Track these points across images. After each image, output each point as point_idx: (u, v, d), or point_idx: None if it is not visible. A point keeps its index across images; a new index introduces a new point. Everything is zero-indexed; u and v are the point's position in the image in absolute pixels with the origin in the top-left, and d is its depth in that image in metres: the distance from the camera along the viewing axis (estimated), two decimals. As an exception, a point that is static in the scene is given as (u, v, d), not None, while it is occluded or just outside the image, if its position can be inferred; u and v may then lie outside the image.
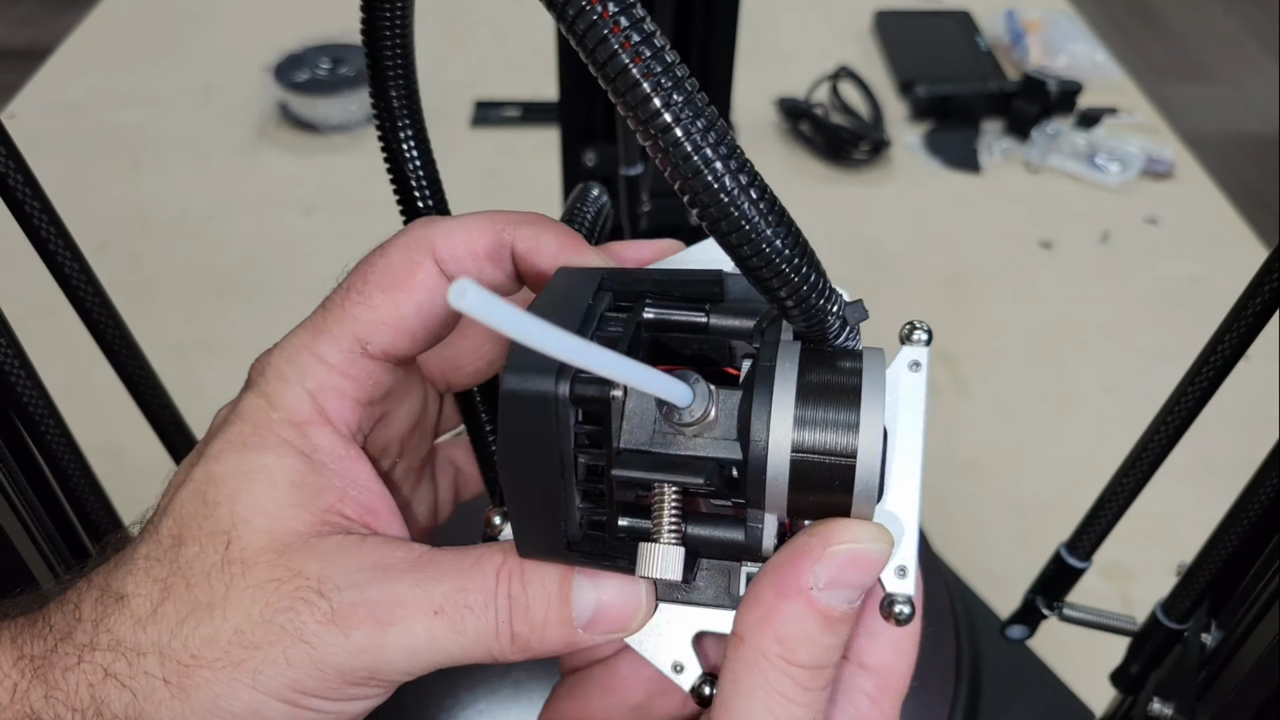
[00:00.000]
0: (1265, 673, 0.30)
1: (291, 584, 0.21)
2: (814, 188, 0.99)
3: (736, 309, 0.23)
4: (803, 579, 0.18)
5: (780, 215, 0.19)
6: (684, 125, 0.17)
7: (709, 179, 0.17)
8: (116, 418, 0.43)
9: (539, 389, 0.19)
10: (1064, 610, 0.39)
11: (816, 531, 0.19)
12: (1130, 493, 0.35)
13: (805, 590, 0.18)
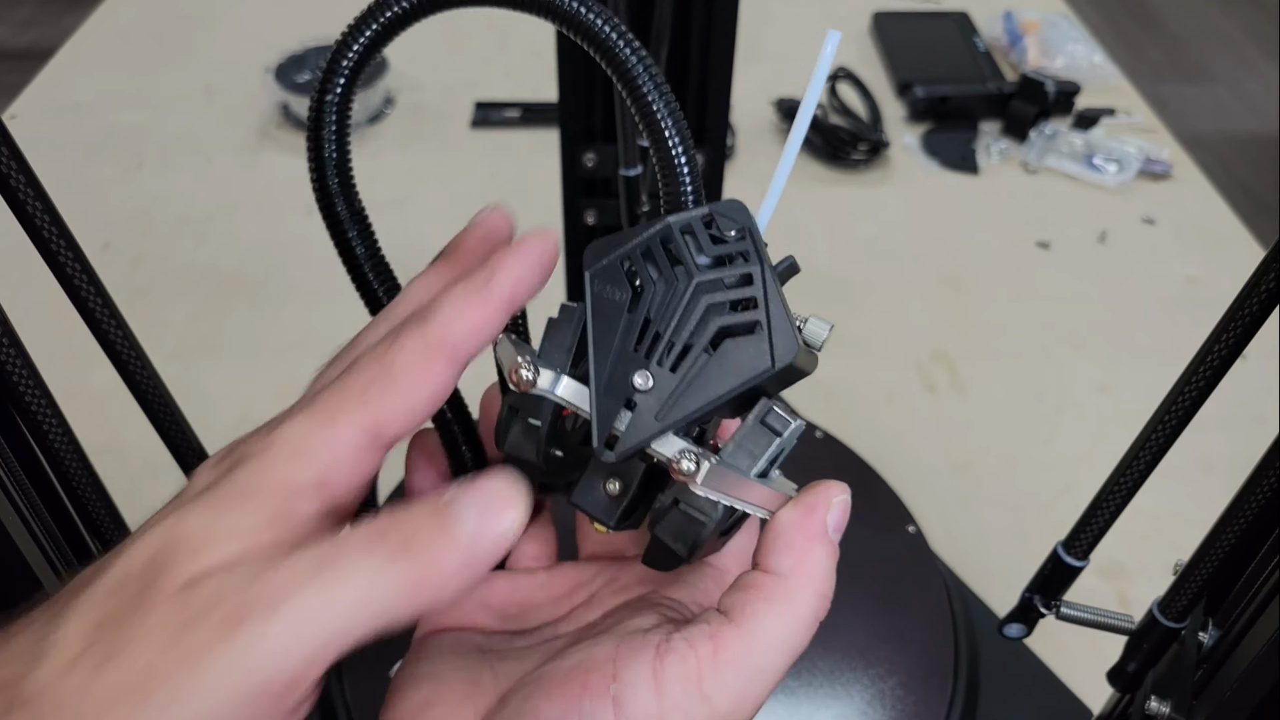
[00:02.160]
0: (1262, 671, 0.30)
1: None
2: (813, 188, 0.99)
3: None
4: (824, 526, 0.23)
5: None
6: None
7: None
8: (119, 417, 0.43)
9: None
10: (1061, 609, 0.39)
11: (818, 490, 0.23)
12: (1127, 492, 0.35)
13: (827, 534, 0.23)
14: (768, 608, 0.22)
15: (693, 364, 0.22)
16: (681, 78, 0.53)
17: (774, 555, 0.23)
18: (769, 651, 0.22)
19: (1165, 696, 0.36)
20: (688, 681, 0.21)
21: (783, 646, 0.23)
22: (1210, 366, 0.31)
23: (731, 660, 0.22)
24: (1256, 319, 0.29)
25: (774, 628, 0.22)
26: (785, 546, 0.23)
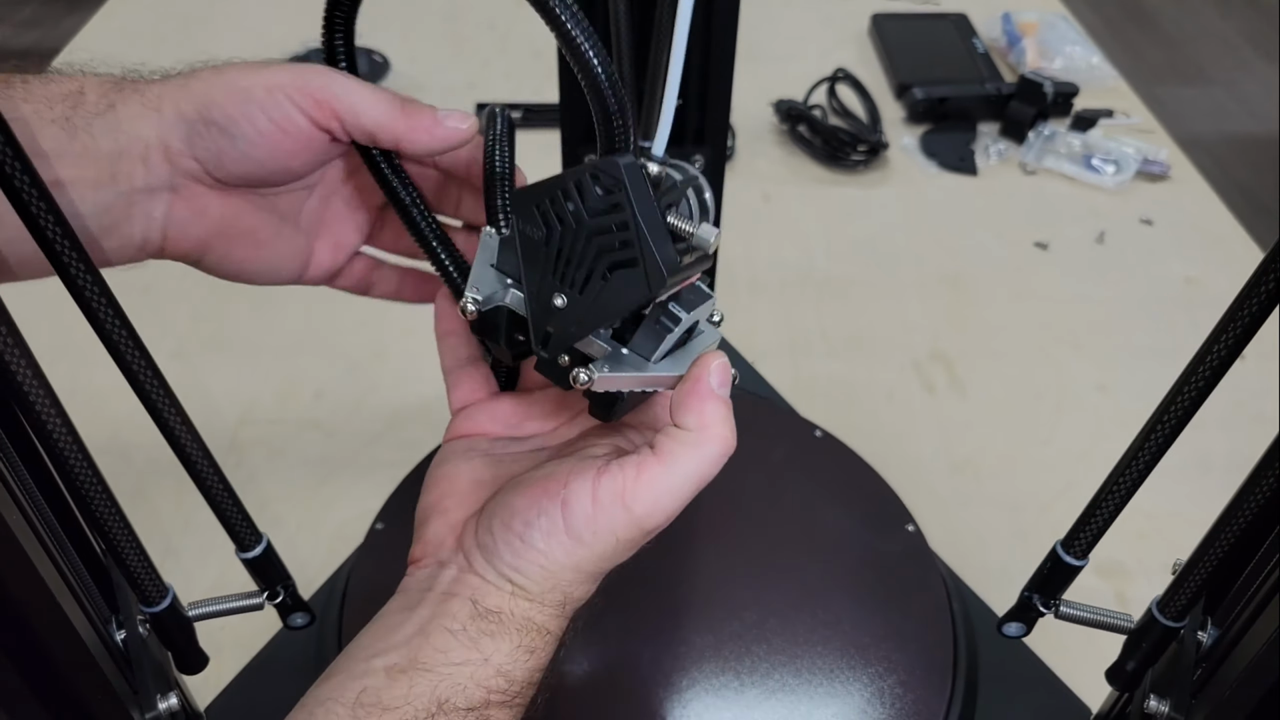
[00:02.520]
0: (1261, 670, 0.31)
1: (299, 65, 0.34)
2: (812, 189, 0.99)
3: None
4: (709, 388, 0.31)
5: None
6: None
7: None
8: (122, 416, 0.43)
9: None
10: (1060, 608, 0.39)
11: (698, 363, 0.31)
12: (1126, 491, 0.35)
13: (714, 393, 0.31)
14: (682, 450, 0.30)
15: (595, 288, 0.30)
16: (682, 79, 0.53)
17: (680, 416, 0.31)
18: (679, 477, 0.30)
19: (1164, 695, 0.36)
20: (614, 494, 0.30)
21: (691, 474, 0.30)
22: (1209, 367, 0.31)
23: (650, 482, 0.30)
24: (1256, 319, 0.29)
25: (685, 463, 0.30)
26: (685, 410, 0.31)
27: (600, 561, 0.31)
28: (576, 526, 0.30)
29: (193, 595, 0.39)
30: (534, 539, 0.31)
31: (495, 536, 0.31)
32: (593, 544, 0.30)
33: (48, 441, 0.30)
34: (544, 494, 0.31)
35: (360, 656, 0.31)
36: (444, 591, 0.32)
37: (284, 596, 0.39)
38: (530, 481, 0.32)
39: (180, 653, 0.38)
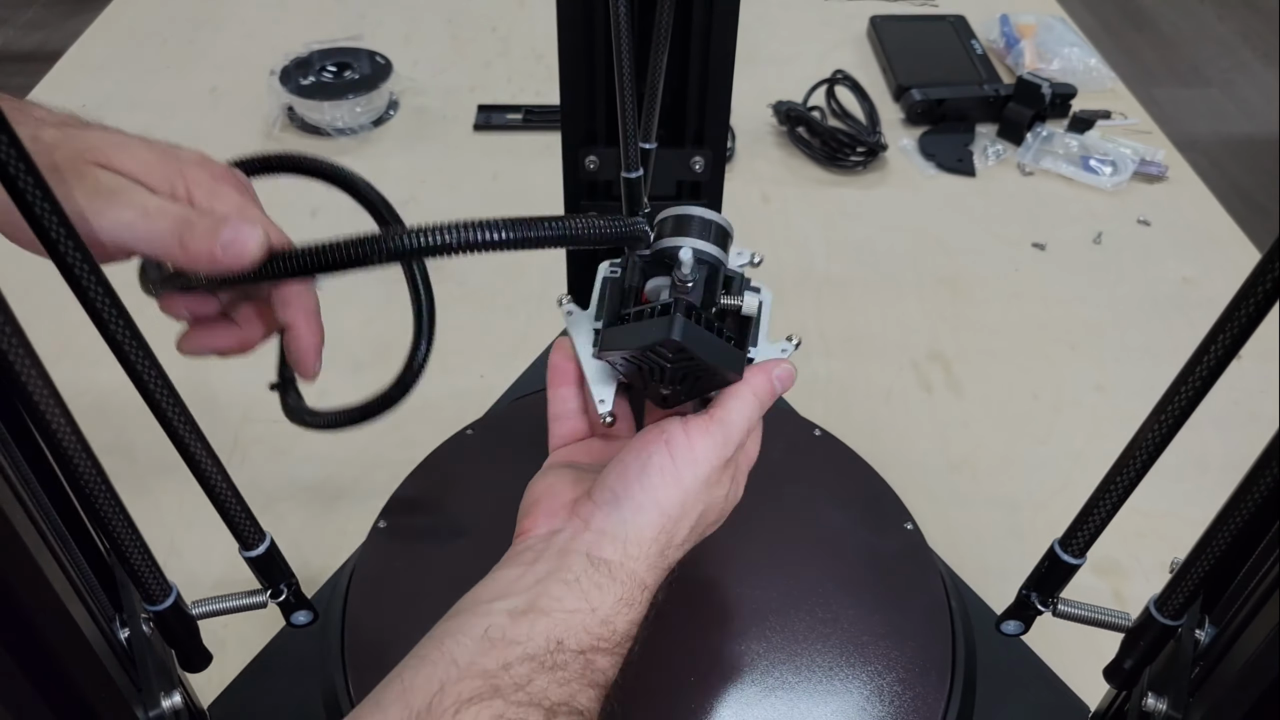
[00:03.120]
0: (1259, 668, 0.31)
1: (87, 177, 0.35)
2: (811, 190, 1.00)
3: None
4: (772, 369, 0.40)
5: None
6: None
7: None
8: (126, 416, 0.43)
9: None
10: (1058, 606, 0.39)
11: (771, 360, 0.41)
12: (1124, 490, 0.35)
13: (772, 372, 0.40)
14: (731, 399, 0.39)
15: (690, 387, 0.40)
16: (682, 81, 0.53)
17: (747, 375, 0.40)
18: (734, 414, 0.39)
19: (1162, 693, 0.36)
20: (699, 429, 0.38)
21: (741, 415, 0.39)
22: (1206, 367, 0.31)
23: (721, 410, 0.39)
24: (1253, 320, 0.29)
25: (734, 407, 0.39)
26: (747, 375, 0.40)
27: (700, 492, 0.38)
28: (680, 455, 0.37)
29: (196, 593, 0.39)
30: (649, 476, 0.37)
31: (614, 488, 0.37)
32: (696, 470, 0.37)
33: (52, 440, 0.30)
34: (647, 442, 0.38)
35: (483, 599, 0.35)
36: (561, 549, 0.36)
37: (287, 594, 0.39)
38: (629, 449, 0.38)
39: (184, 651, 0.38)
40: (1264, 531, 0.33)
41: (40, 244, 0.29)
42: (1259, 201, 1.81)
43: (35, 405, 0.29)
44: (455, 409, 0.68)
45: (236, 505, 0.36)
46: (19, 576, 0.29)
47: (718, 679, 0.46)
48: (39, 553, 0.29)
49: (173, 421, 0.33)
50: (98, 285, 0.30)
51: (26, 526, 0.29)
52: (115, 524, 0.33)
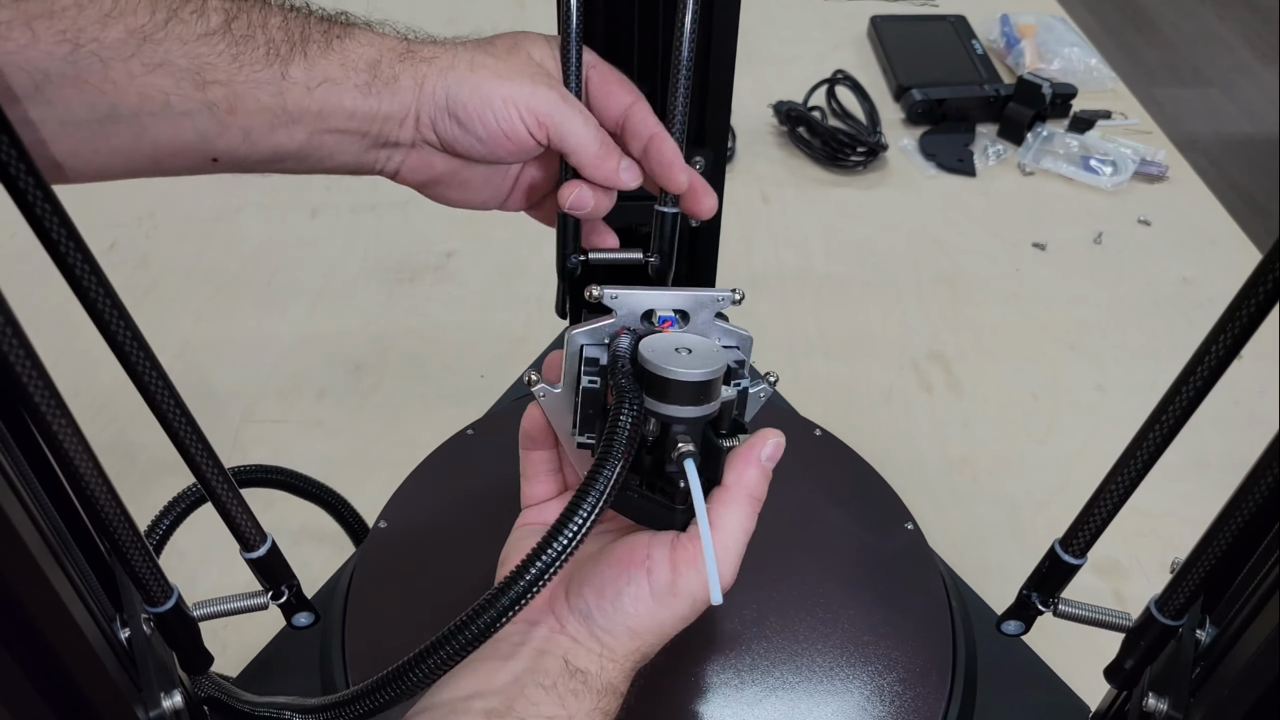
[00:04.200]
0: (1259, 668, 0.31)
1: (536, 68, 0.41)
2: (811, 190, 1.00)
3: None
4: (758, 455, 0.37)
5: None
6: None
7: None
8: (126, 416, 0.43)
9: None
10: (1059, 606, 0.39)
11: (759, 435, 0.37)
12: (1124, 490, 0.35)
13: (759, 460, 0.37)
14: (723, 508, 0.36)
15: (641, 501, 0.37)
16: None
17: (725, 475, 0.37)
18: (727, 536, 0.36)
19: (1163, 693, 0.36)
20: (687, 561, 0.36)
21: (735, 531, 0.36)
22: (1207, 367, 0.31)
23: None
24: (1253, 320, 0.29)
25: (728, 521, 0.36)
26: (730, 469, 0.37)
27: (678, 622, 0.36)
28: (660, 591, 0.36)
29: (196, 595, 0.39)
30: (624, 604, 0.36)
31: (590, 603, 0.36)
32: (674, 606, 0.36)
33: (52, 441, 0.30)
34: (631, 563, 0.36)
35: (460, 694, 0.35)
36: (538, 648, 0.36)
37: (288, 596, 0.39)
38: (615, 553, 0.37)
39: (184, 652, 0.38)
40: (1264, 531, 0.33)
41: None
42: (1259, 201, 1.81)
43: (35, 405, 0.29)
44: (455, 409, 0.68)
45: (237, 506, 0.36)
46: (19, 576, 0.29)
47: (718, 679, 0.46)
48: (40, 553, 0.29)
49: (173, 421, 0.33)
50: (98, 285, 0.30)
51: (27, 526, 0.29)
52: (115, 524, 0.33)
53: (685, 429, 0.34)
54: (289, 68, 0.37)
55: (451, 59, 0.41)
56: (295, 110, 0.38)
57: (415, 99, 0.40)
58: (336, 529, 0.65)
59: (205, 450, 0.34)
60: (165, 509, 0.51)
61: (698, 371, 0.34)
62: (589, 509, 0.31)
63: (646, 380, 0.34)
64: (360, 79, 0.39)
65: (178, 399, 0.33)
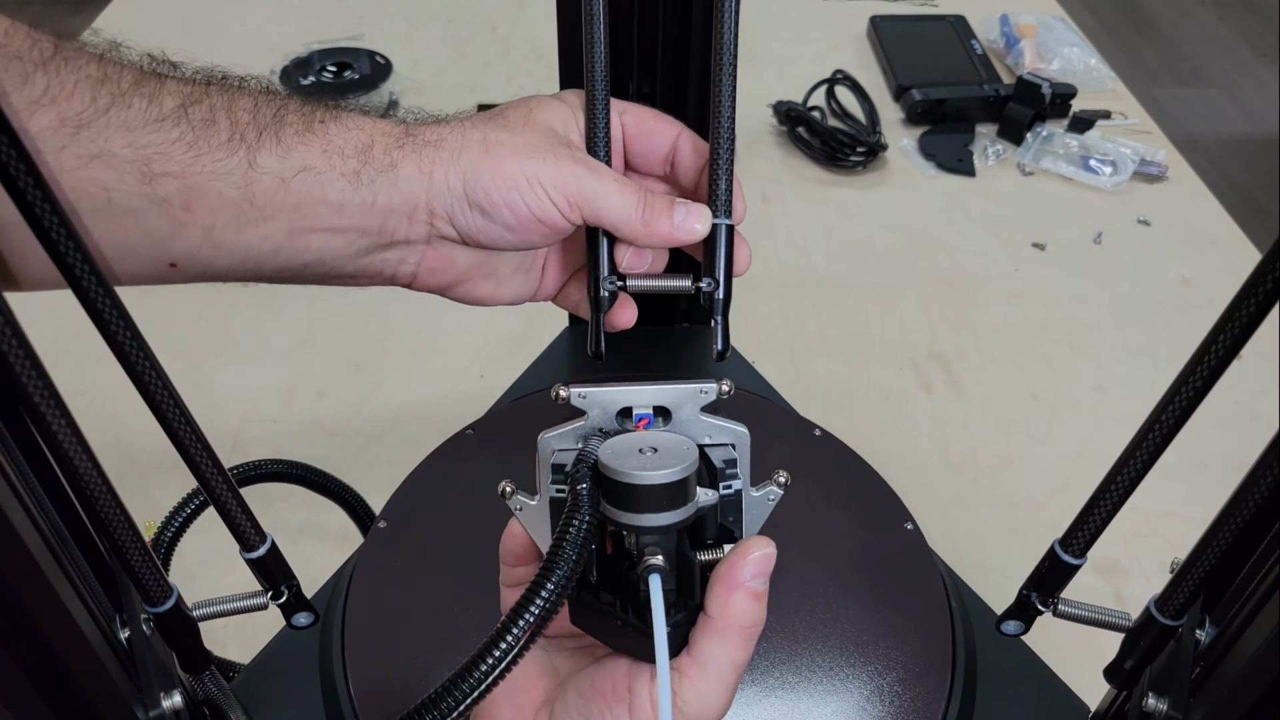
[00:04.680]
0: (1259, 668, 0.31)
1: (556, 139, 0.37)
2: (810, 191, 1.00)
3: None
4: (741, 576, 0.30)
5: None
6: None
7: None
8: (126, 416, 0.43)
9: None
10: (1059, 606, 0.39)
11: (739, 549, 0.31)
12: (1124, 490, 0.35)
13: (744, 583, 0.30)
14: (709, 644, 0.30)
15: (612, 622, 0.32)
16: (682, 80, 0.53)
17: (708, 602, 0.31)
18: (714, 674, 0.30)
19: (1162, 694, 0.36)
20: (672, 700, 0.30)
21: (725, 666, 0.30)
22: (1207, 367, 0.31)
23: (693, 684, 0.30)
24: (1253, 320, 0.29)
25: (717, 658, 0.30)
26: (712, 595, 0.30)
27: None
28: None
29: (196, 595, 0.39)
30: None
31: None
32: None
33: (52, 441, 0.30)
34: (613, 697, 0.32)
35: None
36: None
37: (288, 596, 0.39)
38: (596, 682, 0.33)
39: (184, 652, 0.38)
40: (1264, 531, 0.33)
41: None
42: (1259, 201, 1.81)
43: (35, 405, 0.29)
44: (455, 409, 0.68)
45: (237, 506, 0.36)
46: (19, 576, 0.29)
47: (718, 679, 0.46)
48: (39, 553, 0.29)
49: (173, 421, 0.33)
50: (97, 285, 0.30)
51: (26, 526, 0.29)
52: (115, 524, 0.33)
53: (654, 540, 0.30)
54: (258, 155, 0.32)
55: (461, 140, 0.36)
56: (266, 205, 0.33)
57: (425, 189, 0.35)
58: (336, 529, 0.65)
59: (205, 450, 0.34)
60: (169, 517, 0.51)
61: (657, 474, 0.29)
62: (512, 639, 0.27)
63: (605, 486, 0.30)
64: (348, 167, 0.34)
65: (178, 399, 0.33)
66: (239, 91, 0.33)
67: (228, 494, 0.35)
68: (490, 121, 0.38)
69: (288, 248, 0.34)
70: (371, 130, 0.35)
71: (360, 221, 0.35)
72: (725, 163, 0.38)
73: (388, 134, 0.35)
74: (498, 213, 0.36)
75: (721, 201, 0.38)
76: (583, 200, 0.36)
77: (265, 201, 0.32)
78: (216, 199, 0.32)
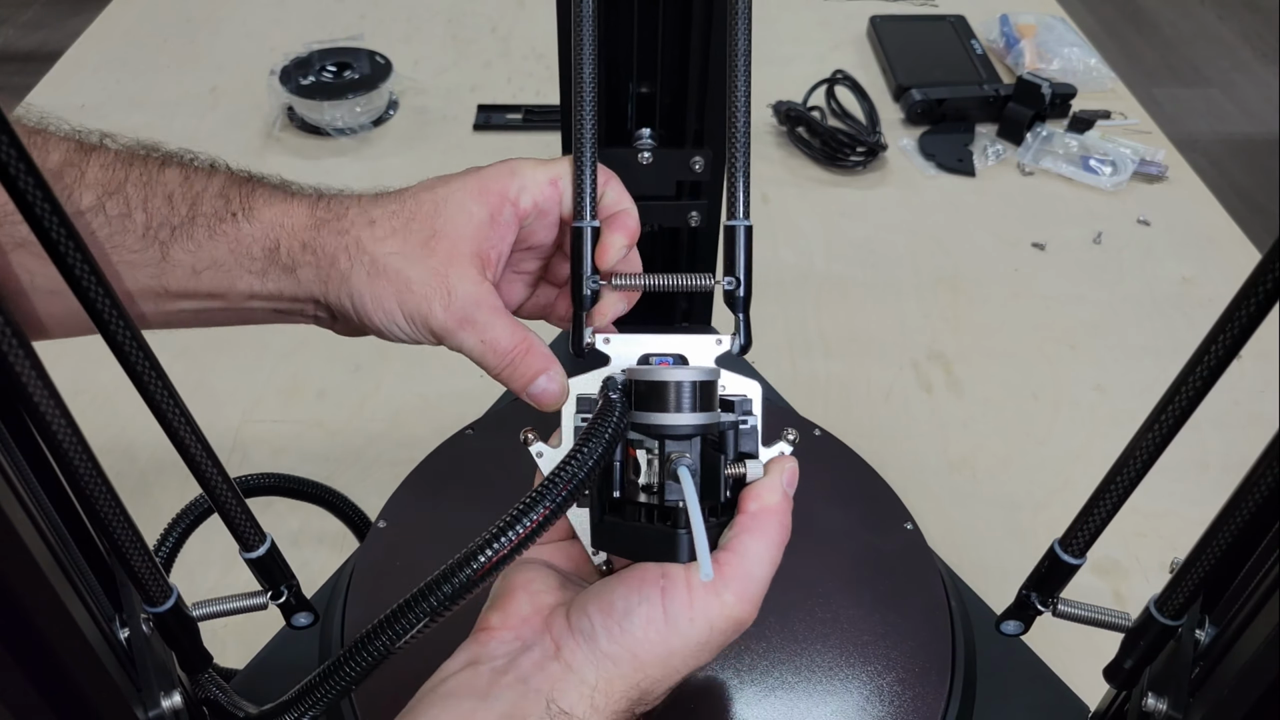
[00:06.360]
0: (1259, 668, 0.31)
1: (444, 282, 0.37)
2: (811, 190, 1.00)
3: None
4: (779, 481, 0.34)
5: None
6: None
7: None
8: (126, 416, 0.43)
9: None
10: (1058, 606, 0.39)
11: (776, 461, 0.35)
12: (1124, 490, 0.35)
13: (781, 486, 0.34)
14: (748, 537, 0.33)
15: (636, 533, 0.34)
16: (682, 80, 0.53)
17: (746, 502, 0.34)
18: (753, 562, 0.33)
19: (1162, 693, 0.36)
20: (707, 588, 0.32)
21: (763, 558, 0.33)
22: (1206, 367, 0.31)
23: (731, 572, 0.32)
24: (1253, 320, 0.29)
25: (753, 549, 0.33)
26: (753, 496, 0.34)
27: (688, 655, 0.32)
28: (674, 612, 0.32)
29: (196, 595, 0.39)
30: (633, 624, 0.32)
31: (594, 622, 0.32)
32: (688, 632, 0.32)
33: (52, 441, 0.30)
34: (643, 582, 0.33)
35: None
36: (521, 680, 0.32)
37: (287, 596, 0.39)
38: (625, 576, 0.33)
39: (184, 652, 0.38)
40: (1264, 531, 0.33)
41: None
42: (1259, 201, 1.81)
43: (35, 405, 0.29)
44: (455, 409, 0.68)
45: (237, 506, 0.36)
46: (19, 577, 0.29)
47: (717, 679, 0.46)
48: (39, 553, 0.29)
49: (173, 422, 0.33)
50: (97, 285, 0.30)
51: (26, 526, 0.29)
52: (115, 524, 0.33)
53: (680, 449, 0.32)
54: (170, 250, 0.35)
55: (350, 263, 0.37)
56: (180, 290, 0.36)
57: (322, 293, 0.38)
58: (336, 529, 0.65)
59: (205, 450, 0.34)
60: (171, 524, 0.51)
61: (685, 372, 0.32)
62: (550, 501, 0.29)
63: (636, 395, 0.32)
64: (255, 266, 0.37)
65: (178, 399, 0.33)
66: (157, 182, 0.35)
67: (227, 494, 0.35)
68: (390, 238, 0.38)
69: (209, 317, 0.38)
70: (278, 231, 0.37)
71: (269, 304, 0.38)
72: (742, 164, 0.39)
73: (293, 235, 0.37)
74: (378, 333, 0.39)
75: (740, 203, 0.39)
76: (450, 344, 0.38)
77: (179, 288, 0.35)
78: (133, 283, 0.34)
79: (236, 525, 0.36)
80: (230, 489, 0.35)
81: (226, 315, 0.39)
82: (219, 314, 0.38)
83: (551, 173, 0.41)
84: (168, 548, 0.50)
